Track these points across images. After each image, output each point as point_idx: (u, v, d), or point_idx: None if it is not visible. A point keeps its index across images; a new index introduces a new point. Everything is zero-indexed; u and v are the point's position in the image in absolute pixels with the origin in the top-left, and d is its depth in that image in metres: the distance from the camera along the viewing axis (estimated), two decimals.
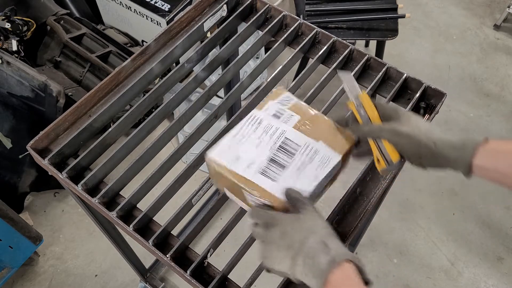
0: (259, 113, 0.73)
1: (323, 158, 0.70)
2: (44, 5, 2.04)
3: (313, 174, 0.68)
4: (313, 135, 0.72)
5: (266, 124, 0.72)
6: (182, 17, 1.08)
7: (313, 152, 0.70)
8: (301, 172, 0.68)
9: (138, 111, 0.94)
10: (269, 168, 0.67)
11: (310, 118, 0.73)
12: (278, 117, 0.73)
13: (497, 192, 2.03)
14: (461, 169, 0.61)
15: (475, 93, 2.40)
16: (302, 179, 0.67)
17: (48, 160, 0.85)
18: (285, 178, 0.66)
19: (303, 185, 0.66)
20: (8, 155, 1.74)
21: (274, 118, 0.73)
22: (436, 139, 0.62)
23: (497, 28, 2.67)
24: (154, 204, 0.82)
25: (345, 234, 0.82)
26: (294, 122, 0.72)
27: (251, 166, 0.67)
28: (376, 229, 1.90)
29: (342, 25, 1.98)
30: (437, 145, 0.62)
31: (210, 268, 0.80)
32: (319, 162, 0.69)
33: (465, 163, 0.60)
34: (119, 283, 1.80)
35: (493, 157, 0.59)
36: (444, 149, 0.62)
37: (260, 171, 0.67)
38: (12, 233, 1.55)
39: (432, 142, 0.62)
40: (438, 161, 0.63)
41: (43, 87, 1.67)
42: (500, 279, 1.81)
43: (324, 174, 0.68)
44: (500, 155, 0.59)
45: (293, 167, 0.68)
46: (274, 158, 0.68)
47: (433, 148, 0.62)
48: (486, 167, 0.60)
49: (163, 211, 0.86)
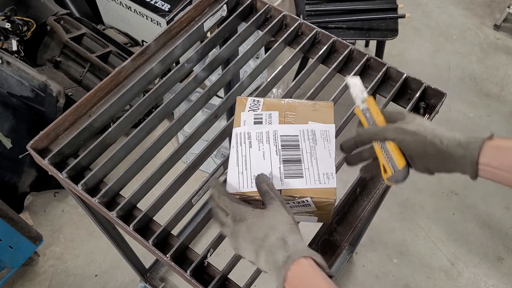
0: (241, 129, 0.73)
1: (322, 134, 0.72)
2: (44, 5, 2.04)
3: (325, 152, 0.70)
4: (299, 120, 0.73)
5: (255, 134, 0.72)
6: (182, 17, 1.08)
7: (312, 134, 0.71)
8: (313, 156, 0.69)
9: (138, 111, 0.94)
10: (289, 169, 0.68)
11: (287, 108, 0.74)
12: (260, 122, 0.73)
13: (497, 192, 2.03)
14: (467, 169, 0.59)
15: (475, 93, 2.40)
16: (321, 163, 0.69)
17: (48, 160, 0.85)
18: (308, 170, 0.68)
19: (326, 168, 0.69)
20: (8, 155, 1.74)
21: (258, 125, 0.72)
22: (442, 137, 0.61)
23: (497, 28, 2.67)
24: (154, 204, 0.82)
25: (345, 234, 0.82)
26: (277, 118, 0.73)
27: (274, 177, 0.68)
28: (376, 229, 1.90)
29: (342, 25, 1.98)
30: (442, 142, 0.60)
31: (210, 268, 0.80)
32: (322, 139, 0.71)
33: (471, 161, 0.58)
34: (119, 283, 1.80)
35: (499, 154, 0.57)
36: (450, 147, 0.60)
37: (284, 176, 0.67)
38: (12, 233, 1.55)
39: (438, 139, 0.61)
40: (444, 161, 0.61)
41: (43, 87, 1.67)
42: (500, 279, 1.81)
43: (333, 147, 0.71)
44: (507, 152, 0.57)
45: (306, 156, 0.69)
46: (286, 158, 0.69)
47: (439, 145, 0.60)
48: (492, 165, 0.58)
49: (163, 211, 0.86)
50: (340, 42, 1.04)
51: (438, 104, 0.95)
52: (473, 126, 2.26)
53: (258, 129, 0.72)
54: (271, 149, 0.70)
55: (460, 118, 2.30)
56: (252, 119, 0.74)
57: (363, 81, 1.01)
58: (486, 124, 2.27)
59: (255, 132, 0.72)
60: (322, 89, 0.99)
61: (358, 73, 0.99)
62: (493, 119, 2.29)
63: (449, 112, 2.30)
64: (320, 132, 0.72)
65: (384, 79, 1.01)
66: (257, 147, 0.71)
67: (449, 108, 2.31)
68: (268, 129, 0.72)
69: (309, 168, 0.69)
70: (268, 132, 0.72)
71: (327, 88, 1.01)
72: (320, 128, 0.72)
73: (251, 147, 0.71)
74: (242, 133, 0.72)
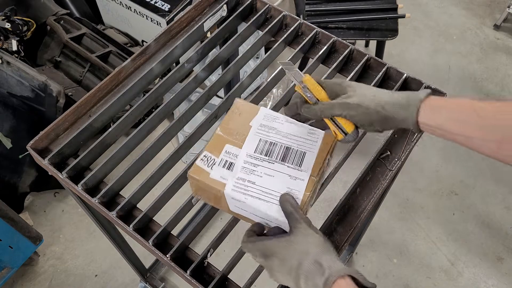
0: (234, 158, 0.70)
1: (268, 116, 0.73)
2: (44, 5, 2.04)
3: (303, 130, 0.72)
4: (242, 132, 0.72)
5: (242, 161, 0.69)
6: (182, 17, 1.08)
7: (269, 128, 0.72)
8: (300, 138, 0.71)
9: (138, 111, 0.94)
10: (298, 169, 0.68)
11: (229, 129, 0.72)
12: (230, 152, 0.70)
13: (497, 192, 2.03)
14: (410, 126, 0.62)
15: (475, 93, 2.40)
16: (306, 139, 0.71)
17: (48, 160, 0.85)
18: (308, 157, 0.69)
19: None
20: (8, 155, 1.74)
21: (234, 154, 0.70)
22: (383, 103, 0.63)
23: (497, 28, 2.67)
24: (154, 204, 0.82)
25: (345, 234, 0.82)
26: (235, 141, 0.71)
27: (297, 187, 0.66)
28: (376, 229, 1.90)
29: (342, 25, 1.98)
30: (385, 108, 0.63)
31: (210, 268, 0.80)
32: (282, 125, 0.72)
33: (412, 121, 0.61)
34: (119, 283, 1.80)
35: (433, 113, 0.60)
36: (392, 111, 0.63)
37: (308, 175, 0.67)
38: (12, 233, 1.55)
39: (381, 107, 0.63)
40: (389, 122, 0.64)
41: (43, 87, 1.68)
42: (500, 279, 1.81)
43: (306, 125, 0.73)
44: (442, 110, 0.60)
45: (295, 144, 0.70)
46: (285, 160, 0.68)
47: (382, 112, 0.63)
48: (429, 124, 0.61)
49: (163, 211, 0.86)
50: (340, 42, 1.04)
51: None
52: None
53: (240, 156, 0.69)
54: (269, 164, 0.69)
55: None
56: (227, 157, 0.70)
57: (364, 81, 1.01)
58: None
59: (241, 160, 0.69)
60: None
61: (358, 73, 1.00)
62: None
63: None
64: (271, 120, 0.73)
65: (384, 79, 1.01)
66: (257, 172, 0.68)
67: None
68: (239, 153, 0.70)
69: (309, 154, 0.70)
70: (243, 157, 0.70)
71: None
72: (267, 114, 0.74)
73: (252, 173, 0.68)
74: (232, 161, 0.69)
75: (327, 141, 0.71)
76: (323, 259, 0.57)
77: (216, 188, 0.67)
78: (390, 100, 0.64)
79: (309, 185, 0.66)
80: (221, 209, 0.73)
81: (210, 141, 0.71)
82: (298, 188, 0.66)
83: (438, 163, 2.12)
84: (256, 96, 0.98)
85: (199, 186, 0.69)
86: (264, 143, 0.70)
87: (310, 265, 0.57)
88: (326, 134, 0.72)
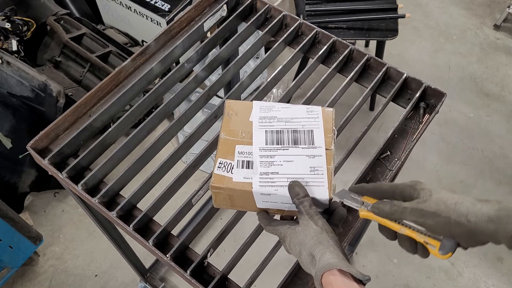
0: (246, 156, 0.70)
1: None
2: (44, 5, 2.04)
3: (301, 111, 0.72)
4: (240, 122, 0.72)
5: (258, 157, 0.68)
6: (182, 17, 1.08)
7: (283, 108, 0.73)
8: (302, 119, 0.72)
9: (138, 111, 0.94)
10: (312, 147, 0.68)
11: (232, 131, 0.72)
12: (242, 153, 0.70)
13: (497, 192, 2.03)
14: (502, 241, 0.53)
15: (475, 93, 2.40)
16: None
17: (48, 160, 0.85)
18: (316, 133, 0.70)
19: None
20: (8, 155, 1.74)
21: (243, 152, 0.70)
22: (468, 213, 0.54)
23: (497, 28, 2.67)
24: (154, 204, 0.82)
25: (345, 234, 0.82)
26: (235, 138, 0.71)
27: (318, 164, 0.67)
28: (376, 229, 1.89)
29: (342, 25, 1.98)
30: (470, 220, 0.53)
31: (210, 268, 0.80)
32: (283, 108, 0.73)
33: (505, 236, 0.52)
34: (119, 283, 1.80)
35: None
36: (479, 224, 0.53)
37: (324, 149, 0.68)
38: (12, 233, 1.55)
39: (464, 218, 0.54)
40: (474, 238, 0.55)
41: (43, 87, 1.67)
42: (500, 279, 1.81)
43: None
44: None
45: (300, 125, 0.71)
46: (297, 143, 0.69)
47: (466, 224, 0.54)
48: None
49: (163, 211, 0.86)
50: (340, 42, 1.04)
51: (438, 104, 0.95)
52: (473, 126, 2.26)
53: (252, 154, 0.69)
54: (288, 151, 0.70)
55: (460, 118, 2.30)
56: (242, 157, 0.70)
57: (364, 81, 1.01)
58: (486, 124, 2.27)
59: (254, 157, 0.69)
60: (322, 89, 0.99)
61: (358, 73, 0.99)
62: (493, 119, 2.29)
63: (449, 112, 2.30)
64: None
65: (384, 79, 1.01)
66: (275, 163, 0.68)
67: (449, 108, 2.31)
68: (252, 150, 0.70)
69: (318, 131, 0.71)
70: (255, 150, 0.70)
71: (327, 88, 1.01)
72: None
73: (271, 164, 0.68)
74: (244, 160, 0.69)
75: (326, 113, 0.72)
76: (316, 251, 0.59)
77: (243, 190, 0.66)
78: (475, 210, 0.54)
79: (329, 158, 0.68)
80: (247, 210, 0.73)
81: (218, 148, 0.70)
82: (319, 164, 0.67)
83: (438, 163, 2.12)
84: (256, 96, 0.98)
85: (225, 195, 0.68)
86: (271, 133, 0.70)
87: (306, 256, 0.60)
88: (322, 108, 0.73)
